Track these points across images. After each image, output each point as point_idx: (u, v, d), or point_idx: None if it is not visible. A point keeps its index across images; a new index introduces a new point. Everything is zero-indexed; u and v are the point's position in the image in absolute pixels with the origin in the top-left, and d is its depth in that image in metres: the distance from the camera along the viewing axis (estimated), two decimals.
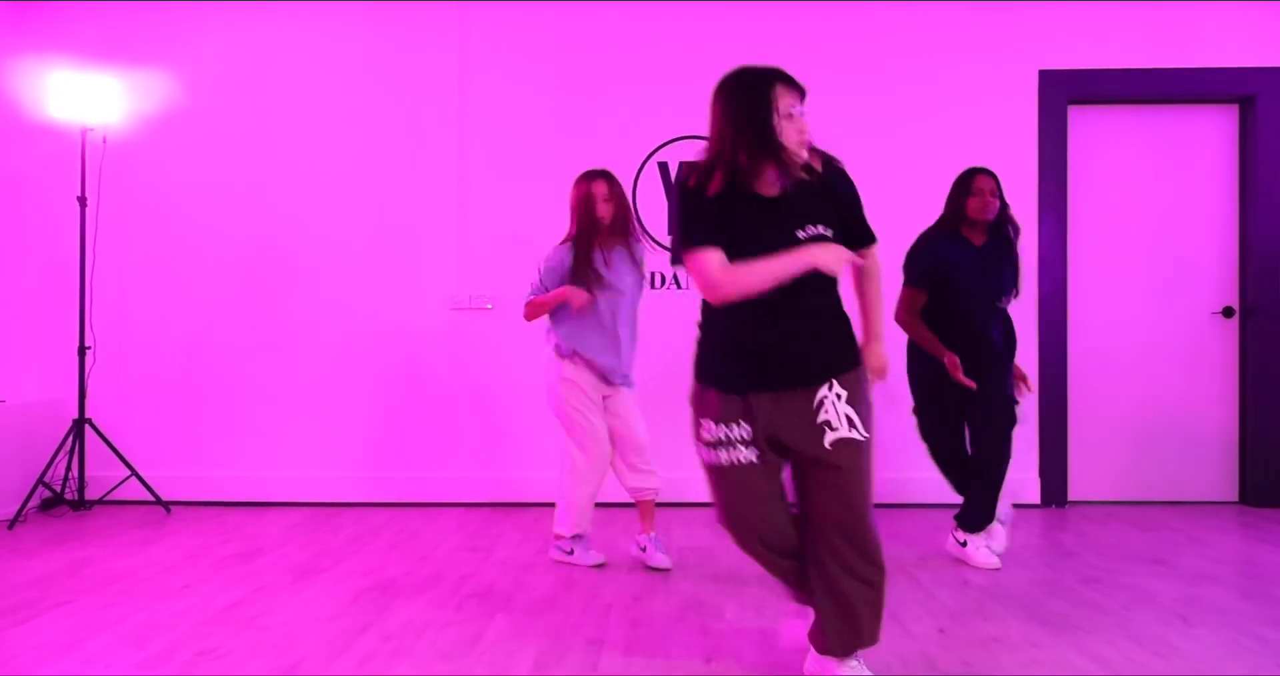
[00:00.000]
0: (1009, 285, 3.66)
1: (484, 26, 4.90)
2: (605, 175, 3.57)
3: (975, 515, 3.63)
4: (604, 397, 3.61)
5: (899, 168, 4.81)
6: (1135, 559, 3.71)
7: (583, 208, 3.52)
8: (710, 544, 3.96)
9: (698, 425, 2.26)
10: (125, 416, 4.89)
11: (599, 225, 3.53)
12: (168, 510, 4.67)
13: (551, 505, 4.46)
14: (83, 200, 4.65)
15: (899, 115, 4.85)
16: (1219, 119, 4.91)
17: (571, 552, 3.64)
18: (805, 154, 2.14)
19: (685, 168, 2.25)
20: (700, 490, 4.77)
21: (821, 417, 2.15)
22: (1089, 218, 4.91)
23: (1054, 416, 4.80)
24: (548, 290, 3.58)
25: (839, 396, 2.16)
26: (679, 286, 4.83)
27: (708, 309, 2.27)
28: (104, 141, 4.77)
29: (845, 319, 2.25)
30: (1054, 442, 4.80)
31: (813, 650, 2.35)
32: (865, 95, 4.86)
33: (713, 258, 2.11)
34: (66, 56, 4.84)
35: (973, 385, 3.51)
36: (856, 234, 2.25)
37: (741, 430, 2.19)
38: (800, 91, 2.13)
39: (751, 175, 2.11)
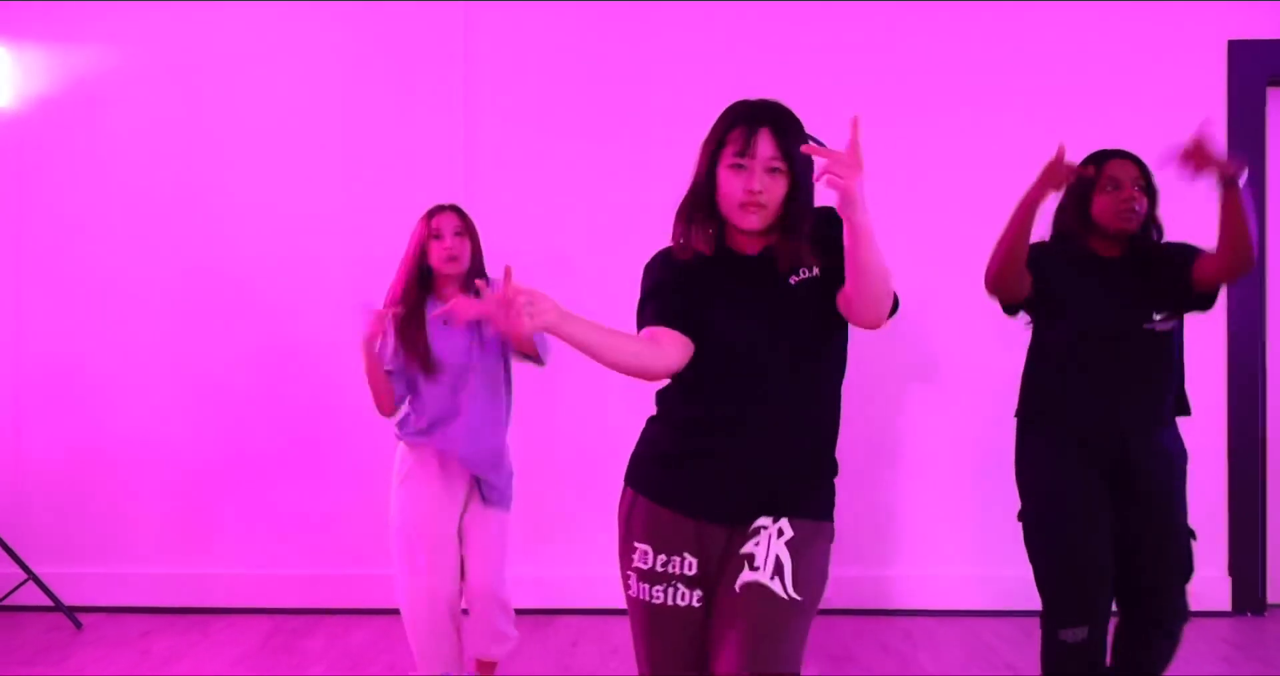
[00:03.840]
0: (1153, 304, 2.42)
1: (492, 30, 3.94)
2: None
3: None
4: None
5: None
6: None
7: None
8: None
9: (629, 548, 1.83)
10: (19, 502, 3.88)
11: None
12: (77, 624, 3.61)
13: (585, 612, 3.45)
14: None
15: (1050, 97, 3.81)
16: None
17: None
18: (756, 217, 1.74)
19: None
20: None
21: (746, 549, 1.74)
22: None
23: (1246, 494, 3.78)
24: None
25: (779, 532, 1.75)
26: None
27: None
28: None
29: (830, 457, 1.83)
30: (1246, 529, 3.79)
31: None
32: (1009, 75, 3.84)
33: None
34: None
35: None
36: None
37: (685, 564, 1.77)
38: (766, 132, 1.74)
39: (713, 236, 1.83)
